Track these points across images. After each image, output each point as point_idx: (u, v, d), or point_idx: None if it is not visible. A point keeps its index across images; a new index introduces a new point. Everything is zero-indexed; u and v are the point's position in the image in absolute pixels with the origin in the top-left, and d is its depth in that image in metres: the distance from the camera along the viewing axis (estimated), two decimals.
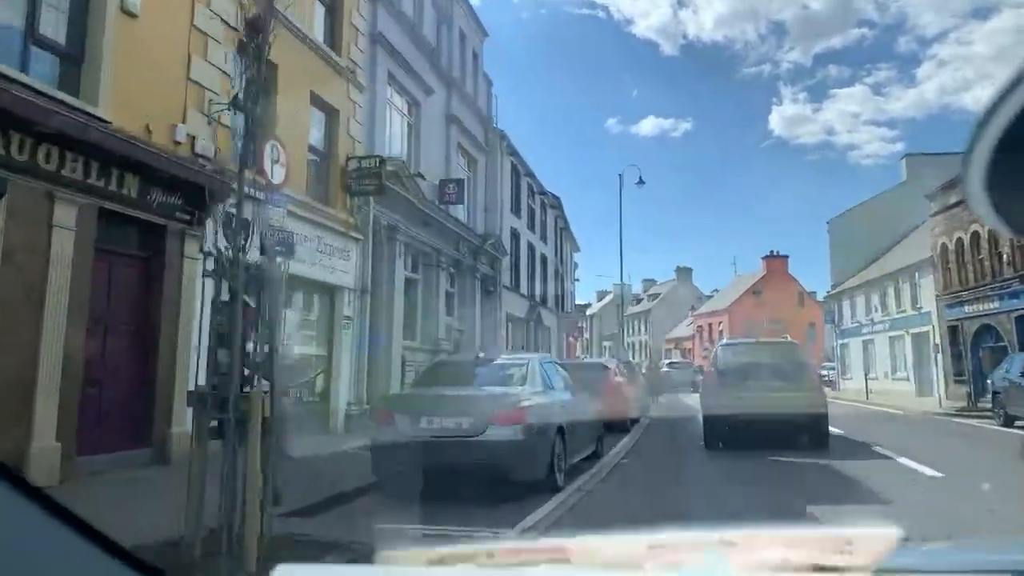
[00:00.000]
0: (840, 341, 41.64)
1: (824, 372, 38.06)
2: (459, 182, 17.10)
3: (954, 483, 8.25)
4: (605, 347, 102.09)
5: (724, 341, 16.04)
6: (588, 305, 49.25)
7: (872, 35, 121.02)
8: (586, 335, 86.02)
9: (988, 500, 6.87)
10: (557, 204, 31.91)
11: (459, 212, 19.18)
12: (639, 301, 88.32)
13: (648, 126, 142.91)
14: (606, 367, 15.63)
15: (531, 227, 27.01)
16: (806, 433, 10.90)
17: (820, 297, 67.11)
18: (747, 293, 61.46)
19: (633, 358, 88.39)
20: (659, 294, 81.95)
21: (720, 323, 62.59)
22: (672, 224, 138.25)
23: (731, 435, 10.87)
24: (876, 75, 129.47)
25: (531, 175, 26.47)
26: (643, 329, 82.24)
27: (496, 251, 21.10)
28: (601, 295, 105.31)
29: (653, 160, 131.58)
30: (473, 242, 19.23)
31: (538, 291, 28.36)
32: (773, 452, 9.98)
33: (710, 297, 73.39)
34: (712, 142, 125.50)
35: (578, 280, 49.29)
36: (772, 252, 62.48)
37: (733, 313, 60.68)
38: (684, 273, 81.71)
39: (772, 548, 0.77)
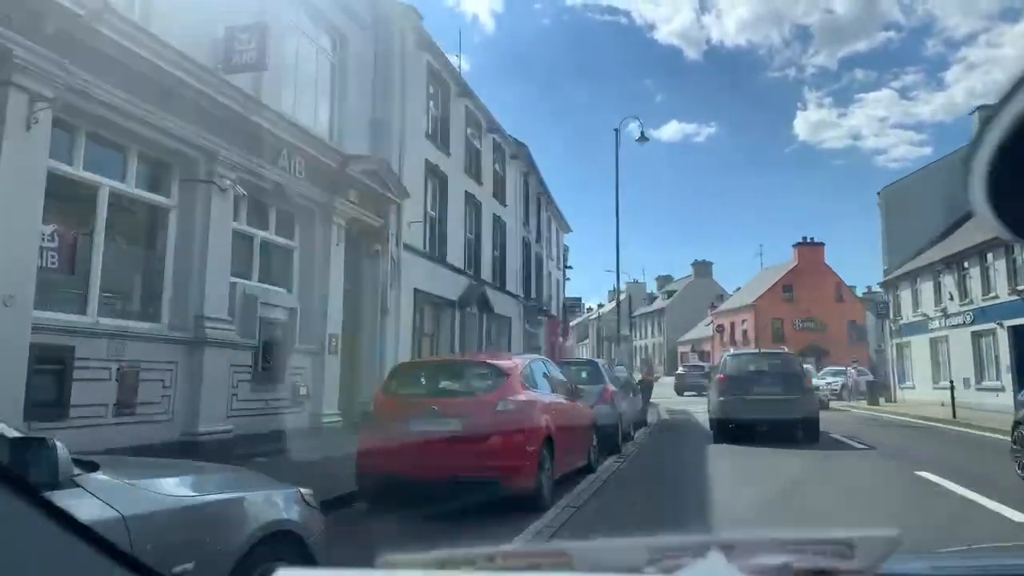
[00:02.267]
0: (896, 340, 33.09)
1: (854, 373, 32.23)
2: (259, 30, 9.20)
3: None
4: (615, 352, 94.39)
5: (731, 352, 17.81)
6: (577, 301, 40.95)
7: (899, 38, 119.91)
8: (587, 337, 78.43)
9: None
10: (521, 155, 23.84)
11: (296, 107, 11.25)
12: (653, 300, 79.81)
13: (671, 131, 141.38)
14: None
15: (470, 171, 18.98)
16: (801, 431, 12.78)
17: (860, 292, 58.43)
18: (775, 287, 52.84)
19: (637, 361, 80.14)
20: (675, 291, 73.38)
21: (744, 322, 54.01)
22: (691, 217, 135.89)
23: (736, 433, 12.85)
24: (903, 79, 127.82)
25: (468, 94, 18.45)
26: (656, 330, 73.64)
27: (385, 185, 13.12)
28: (613, 295, 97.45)
29: (676, 164, 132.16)
30: (326, 159, 11.29)
31: (488, 267, 20.32)
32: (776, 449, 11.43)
33: (733, 296, 64.54)
34: (736, 147, 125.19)
35: (570, 267, 41.23)
36: (805, 239, 53.83)
37: (759, 310, 52.10)
38: (703, 268, 73.06)
39: (773, 552, 0.76)
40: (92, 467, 2.24)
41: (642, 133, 26.95)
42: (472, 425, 6.33)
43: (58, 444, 1.95)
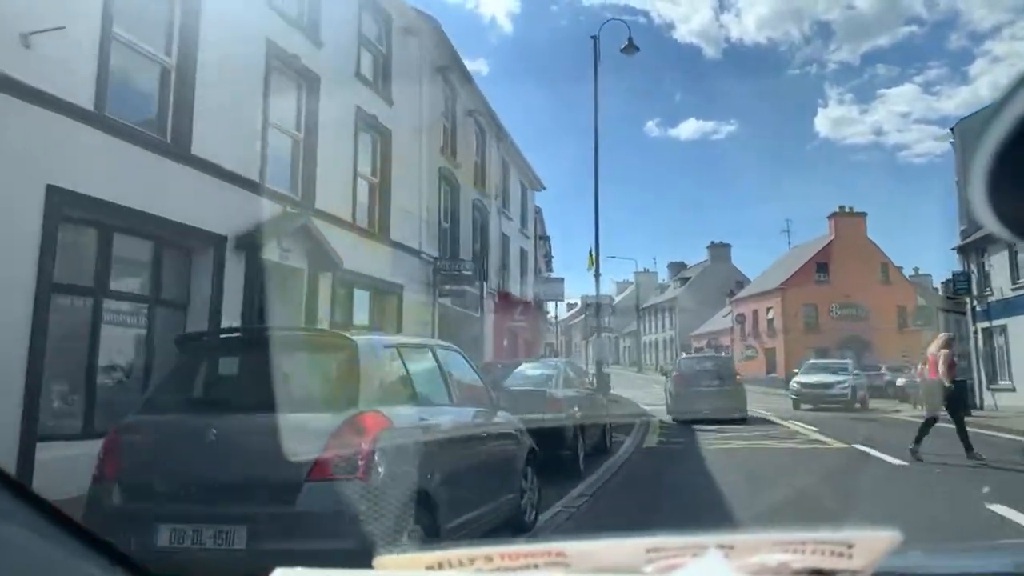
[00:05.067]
0: (982, 324, 24.24)
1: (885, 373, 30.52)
2: None
3: None
4: (624, 347, 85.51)
5: (683, 356, 25.22)
6: (559, 283, 32.52)
7: (922, 32, 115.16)
8: (594, 334, 69.44)
9: None
10: (424, 30, 15.33)
11: None
12: (664, 289, 70.93)
13: (689, 129, 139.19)
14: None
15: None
16: (733, 414, 17.17)
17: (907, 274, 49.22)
18: (807, 266, 43.84)
19: (645, 359, 71.32)
20: (689, 279, 64.43)
21: (769, 310, 45.06)
22: (709, 205, 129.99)
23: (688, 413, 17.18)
24: (927, 73, 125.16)
25: None
26: (667, 323, 64.71)
27: None
28: (622, 287, 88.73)
29: (693, 162, 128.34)
30: None
31: (425, 235, 11.92)
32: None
33: (756, 280, 55.41)
34: (756, 145, 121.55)
35: (547, 238, 32.83)
36: (842, 207, 44.74)
37: (787, 295, 43.14)
38: (720, 251, 63.94)
39: (771, 552, 0.78)
40: None
41: (630, 40, 19.96)
42: None
43: None
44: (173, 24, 8.65)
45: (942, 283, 59.30)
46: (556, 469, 8.14)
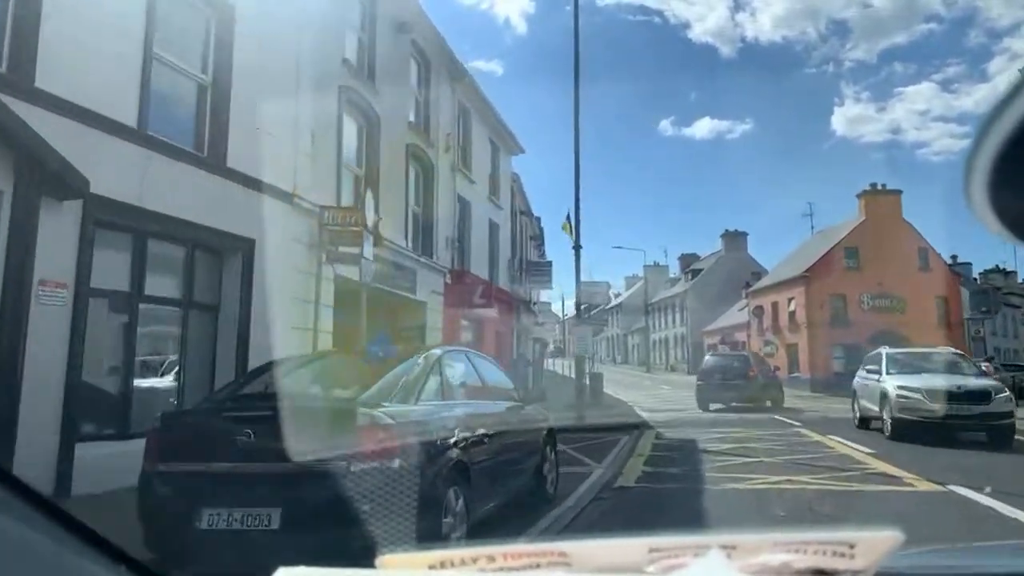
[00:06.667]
0: None
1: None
2: None
3: None
4: (633, 345, 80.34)
5: (711, 354, 26.27)
6: (546, 268, 27.85)
7: (940, 30, 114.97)
8: (603, 331, 64.21)
9: None
10: None
11: None
12: (675, 283, 65.88)
13: (703, 128, 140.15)
14: None
15: None
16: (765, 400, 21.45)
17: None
18: (835, 252, 38.72)
19: (654, 354, 66.14)
20: (701, 271, 59.34)
21: (791, 300, 39.99)
22: (724, 198, 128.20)
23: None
24: (945, 71, 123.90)
25: None
26: (678, 318, 59.66)
27: None
28: (631, 282, 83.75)
29: (707, 160, 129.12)
30: None
31: (310, 175, 7.34)
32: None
33: (777, 268, 50.20)
34: (771, 143, 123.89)
35: (528, 214, 28.19)
36: (874, 185, 39.54)
37: (812, 283, 38.06)
38: (735, 240, 58.72)
39: (773, 552, 0.78)
40: None
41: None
42: None
43: None
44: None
45: (980, 273, 54.37)
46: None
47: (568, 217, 17.35)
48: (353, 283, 11.55)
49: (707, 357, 24.28)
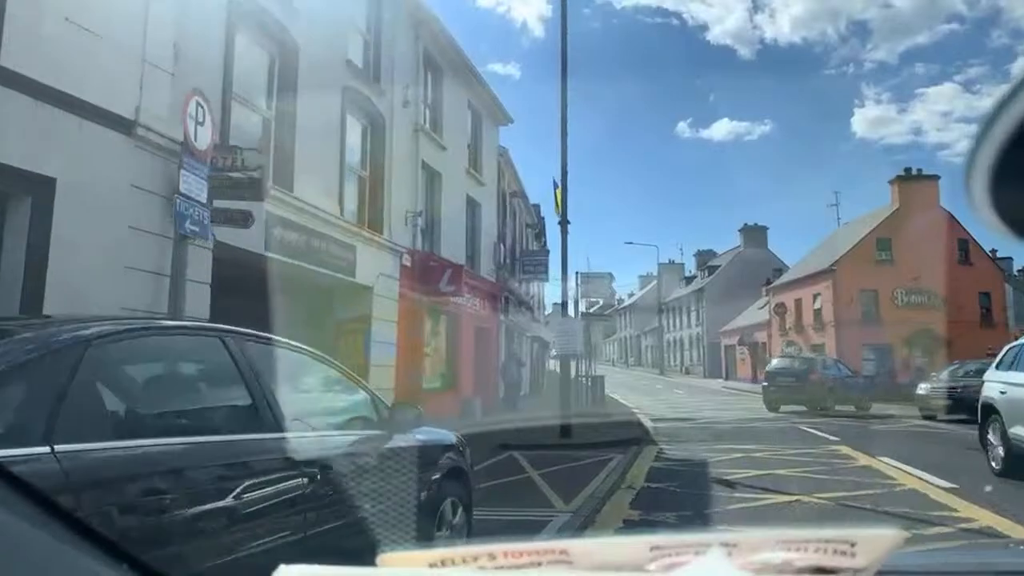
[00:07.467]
0: None
1: None
2: None
3: None
4: (647, 346, 76.94)
5: (775, 359, 25.29)
6: (543, 257, 24.79)
7: (962, 30, 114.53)
8: (614, 333, 60.49)
9: None
10: None
11: None
12: (690, 281, 62.53)
13: (722, 130, 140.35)
14: None
15: None
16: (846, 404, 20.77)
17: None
18: (865, 243, 35.33)
19: (670, 358, 62.63)
20: (718, 267, 55.97)
21: (816, 297, 36.64)
22: (742, 195, 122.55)
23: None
24: (967, 72, 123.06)
25: None
26: (693, 318, 56.30)
27: None
28: (645, 282, 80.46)
29: (726, 161, 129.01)
30: None
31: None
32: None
33: (801, 263, 46.66)
34: (790, 145, 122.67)
35: (529, 203, 25.36)
36: (908, 170, 36.09)
37: (840, 278, 34.72)
38: (754, 235, 55.27)
39: (773, 550, 0.77)
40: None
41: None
42: None
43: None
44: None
45: (1019, 270, 50.54)
46: None
47: (554, 182, 14.37)
48: (240, 252, 8.64)
49: (774, 360, 24.82)
